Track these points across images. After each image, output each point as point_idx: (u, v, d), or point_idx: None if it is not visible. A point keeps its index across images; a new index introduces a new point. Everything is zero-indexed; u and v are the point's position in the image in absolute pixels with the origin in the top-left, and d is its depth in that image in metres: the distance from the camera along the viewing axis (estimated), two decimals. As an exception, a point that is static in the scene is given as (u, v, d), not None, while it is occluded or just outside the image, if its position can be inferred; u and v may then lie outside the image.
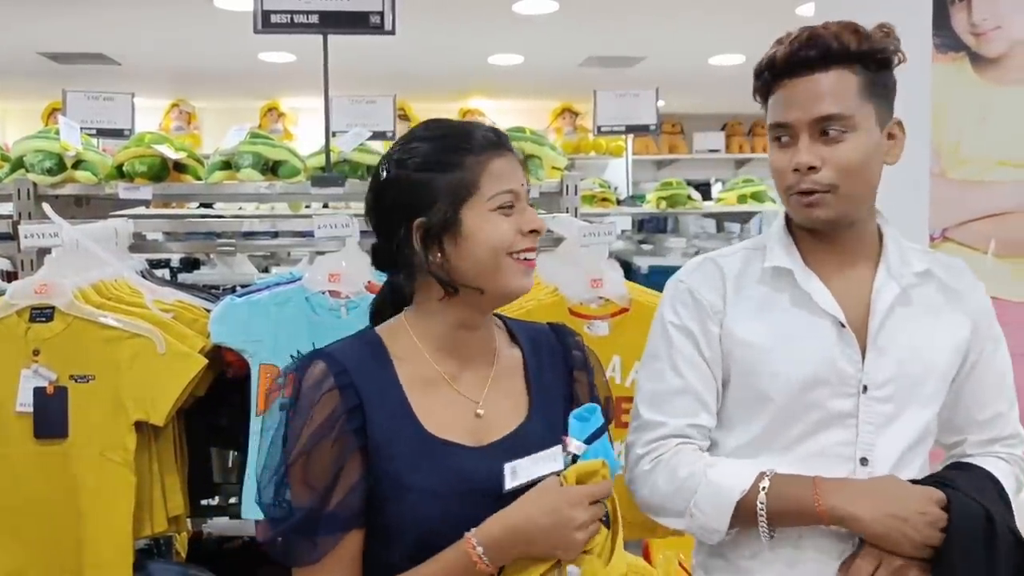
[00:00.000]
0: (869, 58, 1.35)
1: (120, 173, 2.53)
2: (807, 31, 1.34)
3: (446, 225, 1.21)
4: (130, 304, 2.03)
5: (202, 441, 2.25)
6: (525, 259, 1.24)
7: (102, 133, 4.44)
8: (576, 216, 2.50)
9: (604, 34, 5.39)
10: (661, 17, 5.00)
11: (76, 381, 1.92)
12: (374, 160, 2.65)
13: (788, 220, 1.47)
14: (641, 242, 5.31)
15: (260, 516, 1.24)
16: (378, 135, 3.81)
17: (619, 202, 5.48)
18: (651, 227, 5.99)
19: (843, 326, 1.38)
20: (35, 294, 1.92)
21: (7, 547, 1.88)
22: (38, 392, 1.90)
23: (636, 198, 5.90)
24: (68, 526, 1.88)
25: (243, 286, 2.43)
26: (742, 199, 4.87)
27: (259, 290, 2.14)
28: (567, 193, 2.57)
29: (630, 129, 5.46)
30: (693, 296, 1.45)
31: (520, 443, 1.23)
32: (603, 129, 5.43)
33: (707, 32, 5.33)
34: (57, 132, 2.52)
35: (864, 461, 1.37)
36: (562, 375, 1.34)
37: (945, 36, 2.36)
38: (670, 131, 8.01)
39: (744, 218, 5.29)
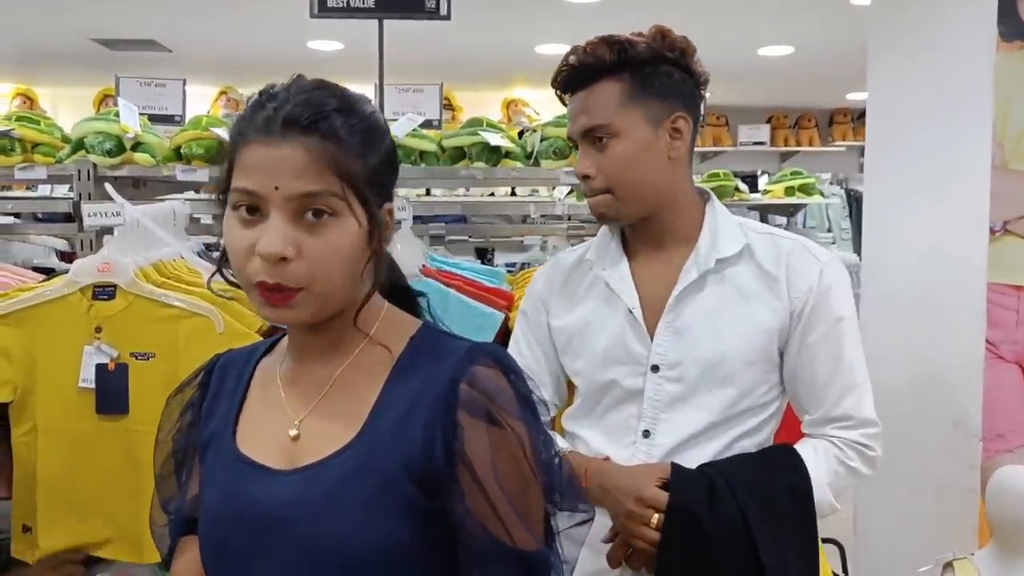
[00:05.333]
0: (633, 64, 1.46)
1: (178, 155, 2.56)
2: (571, 54, 1.49)
3: (221, 207, 1.02)
4: (189, 283, 2.05)
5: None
6: (263, 292, 0.96)
7: (153, 119, 4.49)
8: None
9: (652, 23, 5.35)
10: (711, 6, 4.95)
11: (137, 358, 1.94)
12: (427, 145, 2.66)
13: None
14: (686, 234, 5.28)
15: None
16: (425, 124, 3.83)
17: (664, 193, 5.45)
18: (694, 219, 5.95)
19: (631, 311, 1.50)
20: (98, 272, 1.95)
21: (70, 520, 1.92)
22: (100, 368, 1.93)
23: (681, 189, 5.85)
24: (129, 502, 1.91)
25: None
26: (789, 191, 4.83)
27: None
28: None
29: (676, 120, 5.39)
30: (533, 286, 1.66)
31: (320, 476, 0.98)
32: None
33: (756, 22, 5.28)
34: (116, 114, 2.56)
35: (647, 434, 1.49)
36: (428, 410, 0.97)
37: (1010, 24, 2.31)
38: (714, 123, 7.95)
39: (791, 211, 5.24)
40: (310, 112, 0.96)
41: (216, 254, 3.20)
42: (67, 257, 3.17)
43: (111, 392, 1.93)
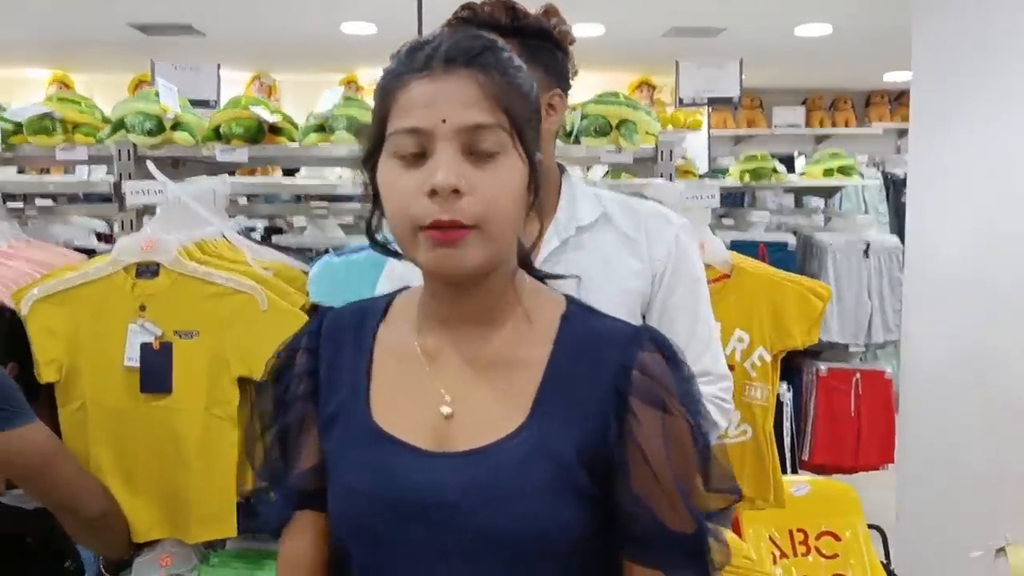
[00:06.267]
0: (523, 33, 1.46)
1: (217, 135, 2.56)
2: (465, 7, 1.48)
3: (368, 171, 0.99)
4: (232, 261, 2.05)
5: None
6: (432, 233, 0.91)
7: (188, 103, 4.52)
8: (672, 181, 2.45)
9: (688, 2, 5.28)
10: (748, -15, 4.87)
11: (181, 337, 1.94)
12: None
13: None
14: (722, 216, 5.21)
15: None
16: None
17: (699, 177, 5.39)
18: (729, 202, 5.88)
19: None
20: (141, 251, 1.94)
21: (123, 496, 1.91)
22: (145, 347, 1.93)
23: (716, 172, 5.80)
24: (175, 480, 1.91)
25: (336, 249, 2.44)
26: (828, 173, 4.74)
27: (356, 251, 2.15)
28: (663, 159, 2.52)
29: (712, 101, 5.32)
30: (390, 272, 1.58)
31: (491, 460, 0.94)
32: (685, 101, 5.33)
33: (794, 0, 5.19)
34: (156, 95, 2.56)
35: None
36: (599, 395, 0.95)
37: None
38: (749, 105, 7.84)
39: (828, 193, 5.15)
40: (472, 47, 0.93)
41: (255, 234, 3.20)
42: (106, 238, 3.19)
43: (155, 371, 1.93)
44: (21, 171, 4.15)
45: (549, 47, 1.50)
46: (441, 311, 1.01)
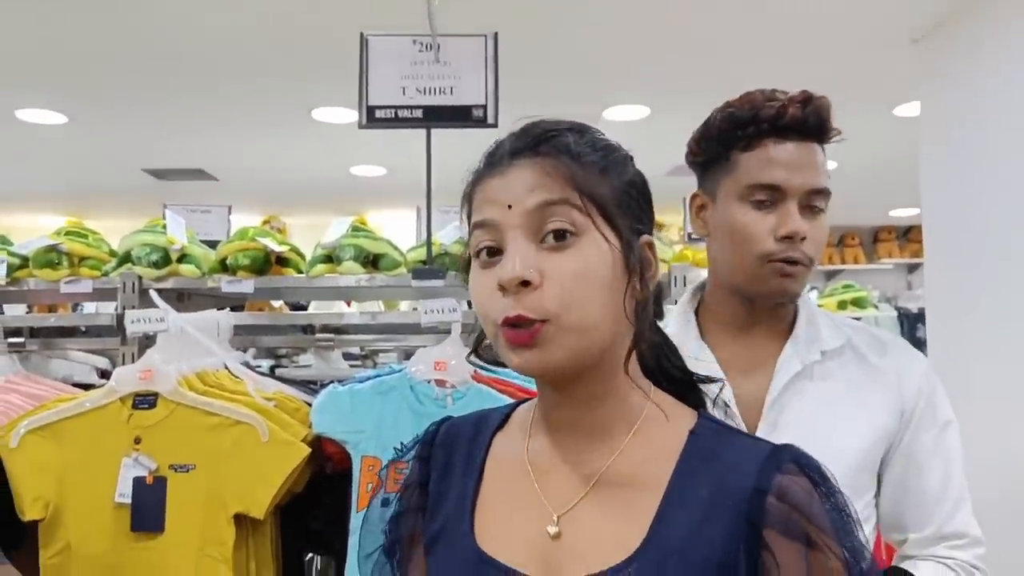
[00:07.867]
0: (828, 134, 1.34)
1: (223, 267, 2.52)
2: (805, 94, 1.32)
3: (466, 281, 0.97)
4: (232, 392, 1.97)
5: (293, 544, 2.14)
6: (507, 332, 0.85)
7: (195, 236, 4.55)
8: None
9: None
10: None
11: (176, 471, 1.84)
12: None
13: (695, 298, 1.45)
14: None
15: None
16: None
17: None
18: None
19: (727, 406, 1.29)
20: (139, 380, 1.87)
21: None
22: (137, 482, 1.83)
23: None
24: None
25: (340, 381, 2.36)
26: (842, 305, 4.69)
27: (362, 381, 2.07)
28: (676, 285, 2.47)
29: (721, 236, 5.33)
30: None
31: None
32: (693, 236, 5.34)
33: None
34: (164, 227, 2.54)
35: None
36: (726, 526, 0.83)
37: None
38: (757, 243, 7.89)
39: (844, 326, 5.08)
40: (537, 133, 0.88)
41: (259, 368, 3.13)
42: (108, 376, 3.11)
43: (148, 507, 1.82)
44: (30, 310, 4.12)
45: None
46: (551, 418, 0.92)
